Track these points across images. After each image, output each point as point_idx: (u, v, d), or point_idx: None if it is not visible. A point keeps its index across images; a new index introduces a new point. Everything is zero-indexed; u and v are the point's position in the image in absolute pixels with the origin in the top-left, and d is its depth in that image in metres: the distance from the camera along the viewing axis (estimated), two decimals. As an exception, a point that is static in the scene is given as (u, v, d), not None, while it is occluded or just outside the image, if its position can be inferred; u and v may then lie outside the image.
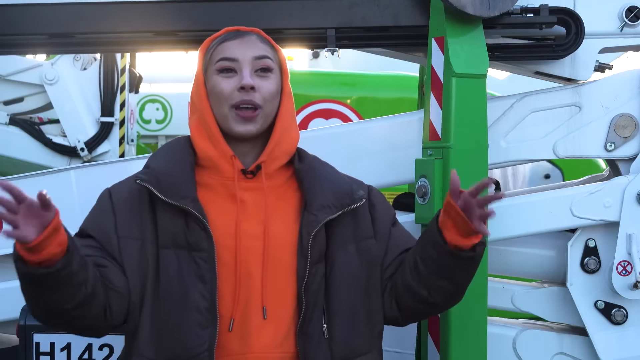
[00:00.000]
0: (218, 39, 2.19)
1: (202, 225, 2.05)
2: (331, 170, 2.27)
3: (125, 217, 2.11)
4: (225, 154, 2.12)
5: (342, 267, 2.17)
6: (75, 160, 5.82)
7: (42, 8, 3.10)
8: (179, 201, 2.05)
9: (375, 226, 2.25)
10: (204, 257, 2.05)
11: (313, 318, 2.11)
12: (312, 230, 2.10)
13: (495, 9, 2.85)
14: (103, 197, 2.17)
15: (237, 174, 2.11)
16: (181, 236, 2.07)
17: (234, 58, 2.12)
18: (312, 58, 8.13)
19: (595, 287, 3.14)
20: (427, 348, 2.92)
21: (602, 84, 3.17)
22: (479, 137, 2.84)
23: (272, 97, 2.14)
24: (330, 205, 2.14)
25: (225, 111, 2.11)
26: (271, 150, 2.14)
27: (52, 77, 5.73)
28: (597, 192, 3.09)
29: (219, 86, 2.12)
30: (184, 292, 2.05)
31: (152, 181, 2.08)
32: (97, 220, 2.14)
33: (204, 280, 2.05)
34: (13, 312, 3.01)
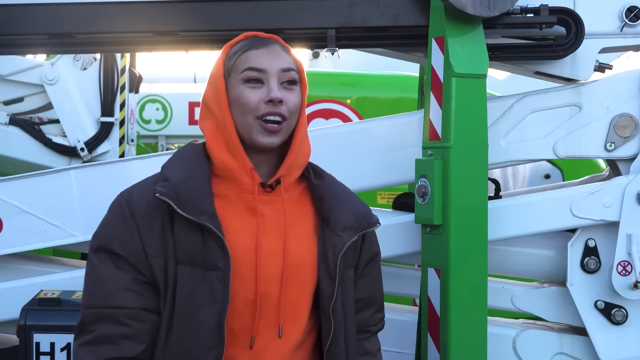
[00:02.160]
0: (241, 45, 2.11)
1: (220, 243, 2.00)
2: (348, 190, 2.25)
3: (149, 235, 2.03)
4: (245, 166, 2.06)
5: (349, 288, 2.18)
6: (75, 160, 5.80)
7: (42, 8, 3.10)
8: (198, 217, 1.99)
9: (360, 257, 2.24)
10: (218, 276, 2.00)
11: (340, 338, 2.12)
12: (339, 252, 2.09)
13: (495, 9, 2.85)
14: (123, 210, 2.06)
15: (257, 187, 2.06)
16: (197, 253, 2.01)
17: (261, 69, 2.06)
18: (312, 58, 8.13)
19: (595, 287, 3.14)
20: (427, 348, 2.92)
21: (602, 84, 3.18)
22: (479, 137, 2.84)
23: (296, 110, 2.09)
24: (351, 227, 2.13)
25: (250, 122, 2.04)
26: (290, 164, 2.10)
27: (52, 77, 5.71)
28: (597, 192, 3.09)
29: (245, 97, 2.05)
30: (193, 312, 2.01)
31: (172, 195, 2.00)
32: (124, 239, 2.03)
33: (215, 300, 2.01)
34: (13, 312, 3.01)
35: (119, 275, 2.01)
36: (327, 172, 2.24)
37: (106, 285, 2.01)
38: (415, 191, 2.93)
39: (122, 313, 2.00)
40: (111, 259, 2.03)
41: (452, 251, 2.79)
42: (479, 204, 2.84)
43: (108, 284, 2.01)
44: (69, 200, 3.23)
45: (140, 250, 2.02)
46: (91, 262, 2.06)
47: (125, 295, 2.00)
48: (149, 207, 2.02)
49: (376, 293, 2.30)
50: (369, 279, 2.27)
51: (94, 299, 2.03)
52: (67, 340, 2.86)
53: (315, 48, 3.42)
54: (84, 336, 2.03)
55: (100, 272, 2.03)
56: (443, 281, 2.82)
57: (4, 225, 3.23)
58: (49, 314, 2.90)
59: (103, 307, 2.01)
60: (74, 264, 3.55)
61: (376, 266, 2.30)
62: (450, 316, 2.79)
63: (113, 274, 2.01)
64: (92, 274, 2.06)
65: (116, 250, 2.03)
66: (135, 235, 2.02)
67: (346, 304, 2.16)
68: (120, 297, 2.00)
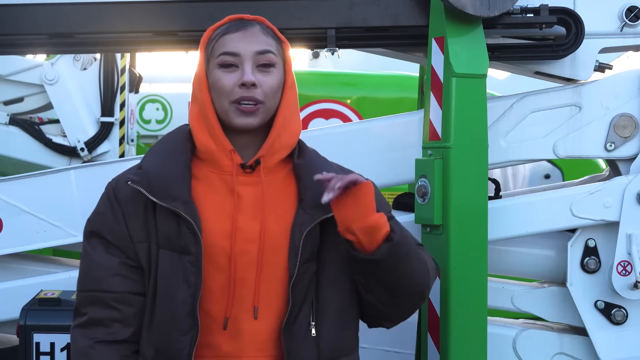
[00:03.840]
0: (220, 30, 2.15)
1: (192, 229, 2.04)
2: (330, 165, 2.22)
3: (133, 221, 2.10)
4: (224, 147, 2.09)
5: (334, 267, 2.15)
6: (75, 160, 5.80)
7: (42, 8, 3.10)
8: (170, 203, 2.04)
9: None
10: (191, 260, 2.04)
11: (299, 316, 2.10)
12: (304, 229, 2.08)
13: (495, 9, 2.85)
14: (109, 196, 2.14)
15: (235, 168, 2.09)
16: (173, 238, 2.06)
17: (235, 52, 2.09)
18: (312, 58, 8.12)
19: (595, 287, 3.14)
20: (427, 348, 2.92)
21: (602, 84, 3.17)
22: (479, 137, 2.84)
23: (273, 92, 2.10)
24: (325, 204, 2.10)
25: (226, 106, 2.08)
26: (271, 144, 2.11)
27: (52, 77, 5.71)
28: (597, 192, 3.09)
29: (220, 81, 2.08)
30: (169, 295, 2.06)
31: (144, 182, 2.07)
32: (112, 225, 2.11)
33: (188, 284, 2.05)
34: (13, 312, 3.01)
35: (108, 260, 2.09)
36: (310, 149, 2.22)
37: (97, 270, 2.10)
38: (415, 191, 2.93)
39: (112, 297, 2.08)
40: (102, 244, 2.11)
41: (452, 251, 2.79)
42: (479, 204, 2.84)
43: (99, 268, 2.10)
44: (69, 200, 3.23)
45: (126, 235, 2.09)
46: (84, 247, 2.15)
47: (114, 279, 2.08)
48: (133, 193, 2.09)
49: None
50: None
51: (86, 282, 2.13)
52: (67, 340, 2.85)
53: (315, 48, 3.42)
54: (78, 319, 2.12)
55: (92, 257, 2.12)
56: (443, 281, 2.82)
57: (4, 225, 3.23)
58: (49, 314, 2.90)
59: (94, 291, 2.10)
60: (74, 264, 3.54)
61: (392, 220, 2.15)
62: (450, 316, 2.79)
63: (103, 258, 2.09)
64: (85, 258, 2.15)
65: (105, 236, 2.11)
66: (121, 220, 2.10)
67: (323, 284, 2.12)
68: (109, 282, 2.08)
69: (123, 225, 2.09)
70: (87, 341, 2.07)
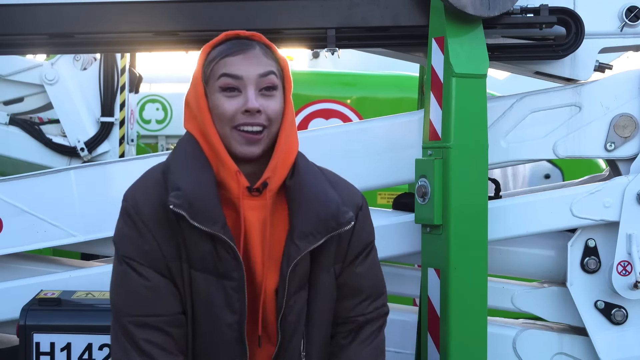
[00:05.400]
0: (219, 50, 2.07)
1: (233, 254, 1.99)
2: (320, 185, 2.14)
3: (163, 240, 2.03)
4: (229, 169, 2.02)
5: (325, 291, 2.14)
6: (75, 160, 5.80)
7: (42, 8, 3.10)
8: (210, 227, 1.97)
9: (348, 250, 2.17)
10: (233, 286, 2.01)
11: (290, 347, 2.09)
12: (292, 261, 2.04)
13: (495, 9, 2.85)
14: (133, 218, 2.04)
15: (242, 191, 2.03)
16: (209, 261, 2.01)
17: (238, 75, 2.02)
18: (312, 58, 8.12)
19: (595, 287, 3.14)
20: (427, 348, 2.92)
21: (602, 84, 3.18)
22: (479, 137, 2.84)
23: (277, 116, 2.05)
24: (314, 232, 2.05)
25: (227, 132, 2.02)
26: (274, 166, 2.05)
27: (52, 77, 5.71)
28: (597, 192, 3.09)
29: (222, 107, 2.02)
30: (213, 321, 2.04)
31: (185, 206, 1.97)
32: (144, 248, 2.04)
33: (233, 310, 2.02)
34: (13, 312, 3.01)
35: (149, 283, 2.03)
36: (303, 163, 2.15)
37: (142, 294, 2.04)
38: (415, 191, 2.93)
39: (163, 320, 2.03)
40: (138, 268, 2.04)
41: (452, 251, 2.79)
42: (479, 204, 2.83)
43: (143, 292, 2.04)
44: (69, 200, 3.23)
45: (160, 256, 2.03)
46: (121, 270, 2.07)
47: (161, 302, 2.03)
48: (158, 212, 2.02)
49: (363, 281, 2.20)
50: (352, 268, 2.18)
51: (132, 307, 2.05)
52: (67, 340, 2.86)
53: (315, 48, 3.42)
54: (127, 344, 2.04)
55: (133, 282, 2.04)
56: (443, 281, 2.82)
57: (4, 225, 3.23)
58: (49, 314, 2.90)
59: (144, 316, 2.04)
60: (74, 264, 3.55)
61: (369, 256, 2.22)
62: (450, 316, 2.79)
63: (143, 282, 2.03)
64: (122, 283, 2.07)
65: (138, 259, 2.04)
66: (152, 242, 2.03)
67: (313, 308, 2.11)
68: (158, 306, 2.03)
69: (155, 245, 2.03)
70: None
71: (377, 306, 2.25)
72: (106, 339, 2.85)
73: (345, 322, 2.21)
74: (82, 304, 2.96)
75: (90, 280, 3.21)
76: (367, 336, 2.21)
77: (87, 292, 3.07)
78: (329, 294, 2.15)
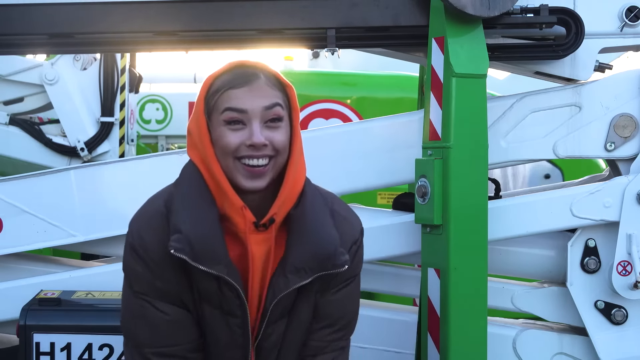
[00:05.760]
0: (223, 81, 2.02)
1: (237, 293, 1.99)
2: (323, 219, 2.09)
3: (171, 274, 2.02)
4: (234, 204, 1.99)
5: (303, 320, 2.12)
6: (75, 160, 5.80)
7: (42, 8, 3.10)
8: (213, 267, 1.96)
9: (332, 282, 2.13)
10: (237, 323, 2.03)
11: None
12: (278, 294, 2.02)
13: (495, 9, 2.85)
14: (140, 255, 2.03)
15: (248, 226, 2.00)
16: (215, 298, 2.01)
17: (242, 109, 1.97)
18: (312, 58, 8.11)
19: (595, 287, 3.14)
20: (427, 348, 2.92)
21: (602, 84, 3.17)
22: (479, 137, 2.84)
23: (284, 147, 2.01)
24: (307, 269, 2.02)
25: (231, 164, 1.98)
26: (283, 201, 2.02)
27: (52, 77, 5.71)
28: (597, 192, 3.09)
29: (225, 139, 1.97)
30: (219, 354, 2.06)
31: (186, 250, 1.95)
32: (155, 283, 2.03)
33: (237, 346, 2.05)
34: (13, 312, 3.01)
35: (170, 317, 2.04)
36: (311, 194, 2.10)
37: (164, 327, 2.04)
38: (415, 191, 2.93)
39: (185, 348, 2.05)
40: (155, 304, 2.04)
41: (452, 251, 2.79)
42: (479, 204, 2.83)
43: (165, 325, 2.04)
44: (69, 200, 3.23)
45: (172, 288, 2.03)
46: (138, 305, 2.06)
47: (184, 332, 2.05)
48: (165, 251, 1.99)
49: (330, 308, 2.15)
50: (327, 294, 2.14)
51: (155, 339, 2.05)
52: (67, 340, 2.86)
53: (315, 48, 3.41)
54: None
55: (153, 316, 2.04)
56: (443, 281, 2.82)
57: (4, 225, 3.23)
58: (49, 314, 2.90)
59: (167, 346, 2.05)
60: (74, 264, 3.55)
61: (348, 287, 2.17)
62: (450, 316, 2.79)
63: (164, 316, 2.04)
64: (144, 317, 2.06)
65: (154, 294, 2.04)
66: (162, 276, 2.03)
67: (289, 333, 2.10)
68: (180, 336, 2.05)
69: (165, 279, 2.02)
70: None
71: (337, 337, 2.18)
72: (106, 339, 2.86)
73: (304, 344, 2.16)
74: (82, 304, 2.97)
75: (90, 280, 3.21)
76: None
77: (87, 292, 3.07)
78: (306, 323, 2.14)
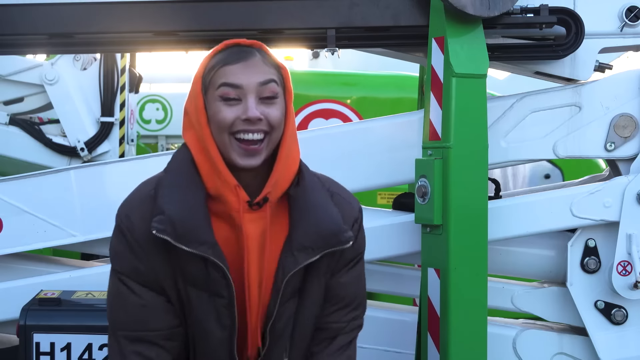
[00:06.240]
0: (219, 58, 2.03)
1: (222, 273, 1.99)
2: (324, 199, 2.11)
3: (156, 258, 2.02)
4: (228, 183, 2.00)
5: (314, 300, 2.13)
6: (75, 160, 5.80)
7: (42, 8, 3.10)
8: (197, 248, 1.97)
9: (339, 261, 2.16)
10: (224, 303, 2.02)
11: (274, 353, 2.10)
12: (287, 273, 2.03)
13: (495, 9, 2.85)
14: (126, 236, 2.04)
15: (242, 205, 2.00)
16: (201, 279, 2.02)
17: (237, 84, 1.98)
18: (312, 58, 8.12)
19: (595, 287, 3.14)
20: (427, 348, 2.92)
21: (602, 84, 3.18)
22: (479, 137, 2.84)
23: (278, 123, 2.01)
24: (313, 247, 2.04)
25: (226, 140, 1.99)
26: (276, 180, 2.03)
27: (52, 77, 5.71)
28: (597, 192, 3.09)
29: (220, 114, 1.98)
30: (206, 337, 2.05)
31: (168, 230, 1.96)
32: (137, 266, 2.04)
33: (222, 326, 2.04)
34: (13, 312, 3.01)
35: (147, 299, 2.04)
36: (309, 175, 2.12)
37: (135, 311, 2.04)
38: (415, 191, 2.93)
39: (158, 335, 2.05)
40: (133, 285, 2.05)
41: (452, 251, 2.79)
42: (479, 204, 2.83)
43: (137, 309, 2.04)
44: (69, 200, 3.23)
45: (152, 273, 2.03)
46: (116, 286, 2.08)
47: (159, 317, 2.04)
48: (150, 233, 1.99)
49: (344, 290, 2.18)
50: (337, 276, 2.17)
51: (127, 322, 2.06)
52: (67, 340, 2.86)
53: (315, 48, 3.42)
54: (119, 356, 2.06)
55: (126, 296, 2.05)
56: (443, 281, 2.82)
57: (4, 225, 3.23)
58: (49, 314, 2.90)
59: (138, 331, 2.05)
60: (74, 264, 3.55)
61: (356, 266, 2.20)
62: (450, 316, 2.79)
63: (138, 297, 2.04)
64: (118, 297, 2.07)
65: (134, 277, 2.04)
66: (144, 260, 2.03)
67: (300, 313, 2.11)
68: (152, 320, 2.04)
69: (147, 263, 2.03)
70: None
71: (354, 316, 2.22)
72: (106, 339, 2.86)
73: (320, 328, 2.18)
74: (82, 304, 2.96)
75: (90, 280, 3.21)
76: (340, 346, 2.19)
77: (87, 292, 3.07)
78: (318, 303, 2.15)
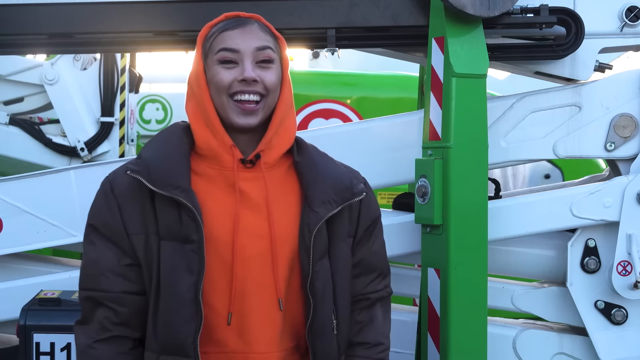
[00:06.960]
0: (218, 26, 2.14)
1: (193, 216, 2.02)
2: (330, 162, 2.24)
3: (130, 213, 2.08)
4: (224, 143, 2.09)
5: (343, 259, 2.18)
6: (75, 160, 5.79)
7: (42, 8, 3.10)
8: (170, 192, 2.03)
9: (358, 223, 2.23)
10: (193, 248, 2.04)
11: (323, 315, 2.11)
12: (314, 227, 2.09)
13: (495, 9, 2.85)
14: (106, 189, 2.12)
15: (236, 163, 2.08)
16: (175, 228, 2.05)
17: (235, 49, 2.09)
18: (312, 58, 8.12)
19: (595, 287, 3.14)
20: (427, 348, 2.92)
21: (602, 84, 3.18)
22: (479, 137, 2.84)
23: (274, 87, 2.11)
24: (331, 201, 2.12)
25: (224, 101, 2.08)
26: (269, 139, 2.11)
27: (52, 77, 5.70)
28: (597, 192, 3.09)
29: (218, 76, 2.08)
30: (172, 284, 2.05)
31: (143, 172, 2.06)
32: (107, 219, 2.10)
33: (191, 272, 2.04)
34: (13, 312, 3.01)
35: (104, 258, 2.10)
36: (309, 145, 2.23)
37: (94, 268, 2.11)
38: (415, 191, 2.93)
39: (107, 297, 2.09)
40: (98, 240, 2.11)
41: (452, 251, 2.79)
42: (479, 204, 2.84)
43: (95, 267, 2.11)
44: (69, 200, 3.23)
45: (121, 228, 2.08)
46: (85, 242, 2.15)
47: (110, 279, 2.09)
48: (131, 185, 2.08)
49: (376, 259, 2.28)
50: (368, 245, 2.25)
51: (85, 280, 2.14)
52: (67, 340, 2.86)
53: (315, 48, 3.42)
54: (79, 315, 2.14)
55: (89, 255, 2.13)
56: (443, 281, 2.82)
57: (4, 225, 3.23)
58: (49, 314, 2.90)
59: (91, 290, 2.11)
60: (74, 264, 3.55)
61: (375, 231, 2.28)
62: (450, 316, 2.79)
63: (100, 256, 2.10)
64: (85, 254, 2.15)
65: (101, 231, 2.11)
66: (116, 213, 2.09)
67: (337, 277, 2.15)
68: (105, 281, 2.09)
69: (118, 217, 2.08)
70: (86, 340, 2.09)
71: (386, 284, 2.32)
72: (106, 339, 2.86)
73: (359, 300, 2.25)
74: (82, 304, 2.96)
75: (90, 280, 3.21)
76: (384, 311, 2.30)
77: (87, 292, 3.07)
78: (347, 263, 2.20)
